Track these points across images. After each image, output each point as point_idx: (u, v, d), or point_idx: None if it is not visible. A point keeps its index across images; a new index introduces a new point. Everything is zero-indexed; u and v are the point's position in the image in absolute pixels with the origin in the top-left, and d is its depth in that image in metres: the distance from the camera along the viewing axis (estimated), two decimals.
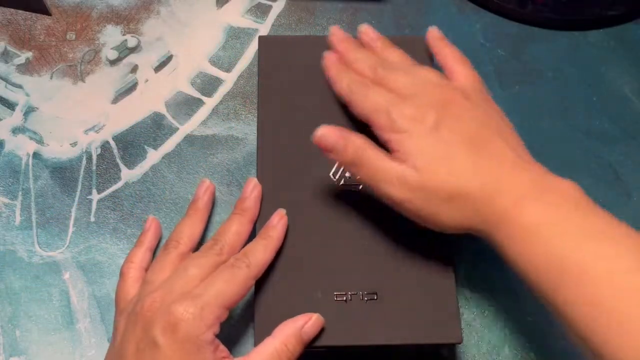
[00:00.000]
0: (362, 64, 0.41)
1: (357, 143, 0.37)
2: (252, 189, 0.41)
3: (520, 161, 0.36)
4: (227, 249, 0.38)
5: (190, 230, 0.41)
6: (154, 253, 0.43)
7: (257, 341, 0.37)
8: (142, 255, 0.42)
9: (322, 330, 0.38)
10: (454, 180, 0.35)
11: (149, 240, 0.43)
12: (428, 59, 0.45)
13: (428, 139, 0.36)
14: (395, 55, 0.43)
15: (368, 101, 0.39)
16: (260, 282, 0.39)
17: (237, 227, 0.39)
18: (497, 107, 0.40)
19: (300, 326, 0.36)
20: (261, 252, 0.38)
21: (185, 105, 0.50)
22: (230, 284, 0.36)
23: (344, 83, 0.41)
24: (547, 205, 0.34)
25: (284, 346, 0.35)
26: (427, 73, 0.40)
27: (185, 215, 0.43)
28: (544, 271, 0.33)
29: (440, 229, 0.37)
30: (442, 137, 0.36)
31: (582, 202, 0.34)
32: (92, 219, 0.46)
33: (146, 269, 0.40)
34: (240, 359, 0.35)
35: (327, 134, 0.38)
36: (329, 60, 0.43)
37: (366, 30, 0.44)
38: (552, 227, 0.33)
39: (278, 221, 0.40)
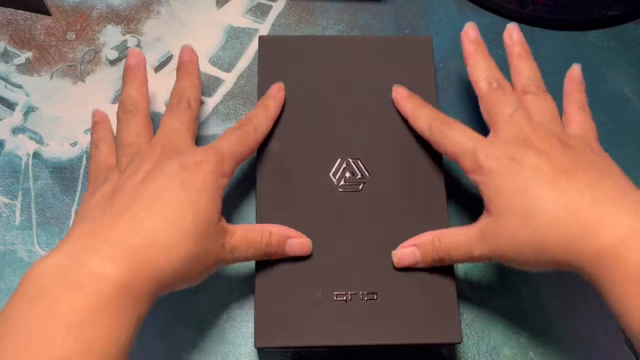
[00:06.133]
0: (480, 74, 0.40)
1: (427, 240, 0.38)
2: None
3: (623, 195, 0.33)
4: (194, 102, 0.41)
5: (140, 93, 0.42)
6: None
7: (257, 342, 0.37)
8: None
9: (322, 331, 0.38)
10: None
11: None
12: (429, 59, 0.45)
13: (511, 176, 0.35)
14: (527, 67, 0.41)
15: (450, 143, 0.38)
16: (261, 282, 0.39)
17: (190, 82, 0.42)
18: (610, 159, 0.37)
19: (287, 236, 0.39)
20: (264, 118, 0.42)
21: None
22: (240, 145, 0.39)
23: (422, 122, 0.40)
24: None
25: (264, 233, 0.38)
26: (544, 109, 0.39)
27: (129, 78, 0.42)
28: None
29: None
30: (525, 172, 0.35)
31: None
32: None
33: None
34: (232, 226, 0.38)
35: (401, 257, 0.39)
36: (401, 95, 0.43)
37: (511, 30, 0.42)
38: None
39: (277, 92, 0.43)
